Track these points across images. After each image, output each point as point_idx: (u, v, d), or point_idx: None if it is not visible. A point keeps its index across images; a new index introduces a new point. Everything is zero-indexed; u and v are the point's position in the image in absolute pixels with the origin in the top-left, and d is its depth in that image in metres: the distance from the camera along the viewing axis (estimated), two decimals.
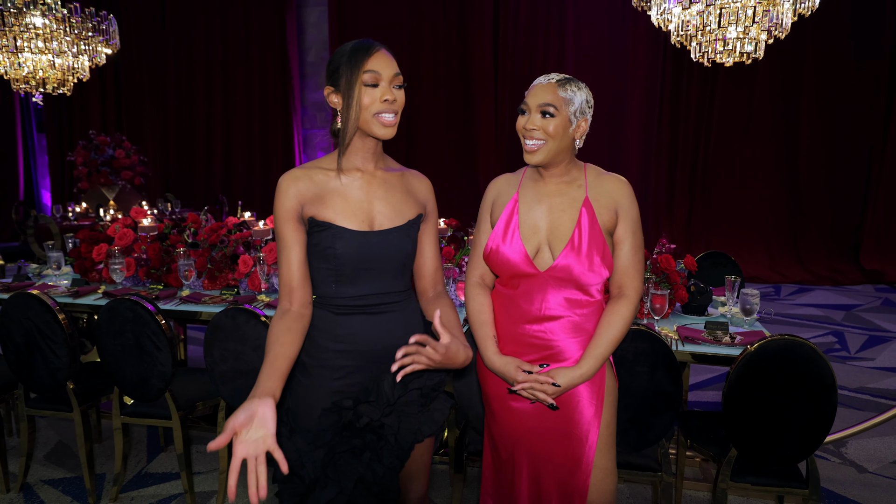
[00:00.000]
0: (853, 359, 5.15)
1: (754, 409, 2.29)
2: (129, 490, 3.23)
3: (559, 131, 1.85)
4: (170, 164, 10.65)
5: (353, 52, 1.68)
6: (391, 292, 1.79)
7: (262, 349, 2.66)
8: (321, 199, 1.73)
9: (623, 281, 1.95)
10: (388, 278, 1.78)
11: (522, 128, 1.90)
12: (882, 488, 3.20)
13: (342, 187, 1.75)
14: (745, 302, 2.92)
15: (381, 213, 1.77)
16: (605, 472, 1.97)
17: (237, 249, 3.62)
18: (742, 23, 3.72)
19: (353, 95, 1.67)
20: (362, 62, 1.66)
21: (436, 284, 1.92)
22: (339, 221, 1.71)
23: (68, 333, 2.93)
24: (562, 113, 1.85)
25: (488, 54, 9.05)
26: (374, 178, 1.79)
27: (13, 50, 5.06)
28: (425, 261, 1.90)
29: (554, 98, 1.85)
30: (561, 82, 1.87)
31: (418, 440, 1.79)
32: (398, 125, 1.73)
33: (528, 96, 1.90)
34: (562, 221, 1.92)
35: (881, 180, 7.99)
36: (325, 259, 1.73)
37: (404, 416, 1.76)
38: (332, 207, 1.72)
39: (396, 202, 1.80)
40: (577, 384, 1.89)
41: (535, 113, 1.86)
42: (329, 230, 1.71)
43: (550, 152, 1.88)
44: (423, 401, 1.78)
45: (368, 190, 1.77)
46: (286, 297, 1.73)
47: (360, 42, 1.70)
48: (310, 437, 1.71)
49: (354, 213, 1.73)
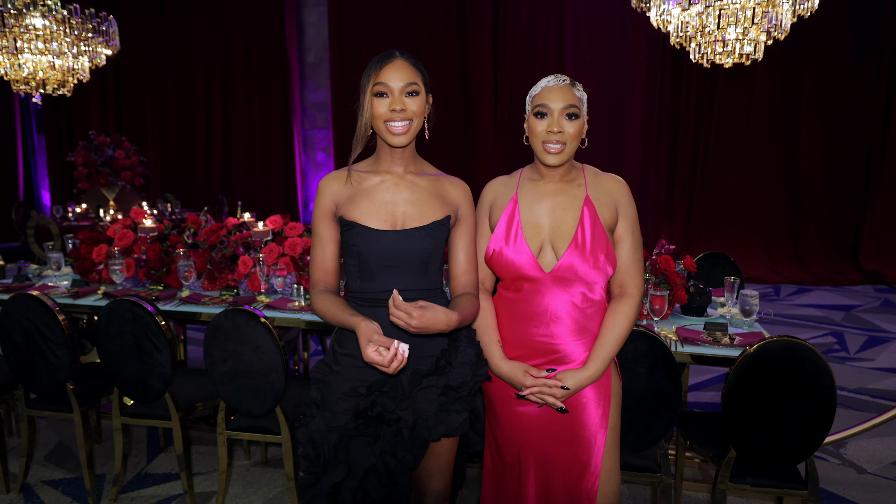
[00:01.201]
0: (852, 359, 5.16)
1: (753, 410, 2.29)
2: (128, 490, 3.23)
3: (579, 132, 1.91)
4: (169, 164, 10.66)
5: (371, 64, 1.84)
6: (413, 290, 1.87)
7: (261, 350, 2.67)
8: (352, 199, 1.88)
9: (624, 280, 1.96)
10: (409, 276, 1.87)
11: (545, 131, 1.89)
12: (882, 489, 3.20)
13: (372, 189, 1.89)
14: (745, 303, 2.92)
15: (406, 214, 1.88)
16: (610, 473, 1.97)
17: (237, 250, 3.63)
18: (741, 24, 3.72)
19: (364, 104, 1.84)
20: (374, 74, 1.81)
21: (465, 286, 1.97)
22: (364, 221, 1.85)
23: (68, 334, 2.93)
24: (581, 113, 1.90)
25: (488, 55, 9.06)
26: (402, 181, 1.91)
27: (13, 51, 5.07)
28: (455, 263, 1.98)
29: (574, 99, 1.89)
30: (572, 83, 1.91)
31: (433, 438, 1.84)
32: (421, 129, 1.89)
33: (544, 99, 1.89)
34: (564, 220, 1.93)
35: (880, 181, 8.00)
36: (352, 256, 1.89)
37: (421, 413, 1.82)
38: (358, 207, 1.87)
39: (423, 204, 1.90)
40: (585, 386, 1.90)
41: (560, 116, 1.88)
42: (354, 229, 1.85)
43: (570, 153, 1.93)
44: (442, 399, 1.83)
45: (395, 192, 1.90)
46: (321, 282, 1.92)
47: (382, 54, 1.84)
48: (328, 417, 1.83)
49: (378, 213, 1.86)
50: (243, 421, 2.91)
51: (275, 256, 3.50)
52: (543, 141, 1.90)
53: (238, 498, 3.15)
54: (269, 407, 2.76)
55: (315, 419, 1.86)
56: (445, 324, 1.73)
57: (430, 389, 1.82)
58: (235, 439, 3.29)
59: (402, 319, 1.67)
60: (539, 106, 1.90)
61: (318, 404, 1.89)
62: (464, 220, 1.97)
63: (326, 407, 1.86)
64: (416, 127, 1.84)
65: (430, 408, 1.82)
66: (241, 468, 3.44)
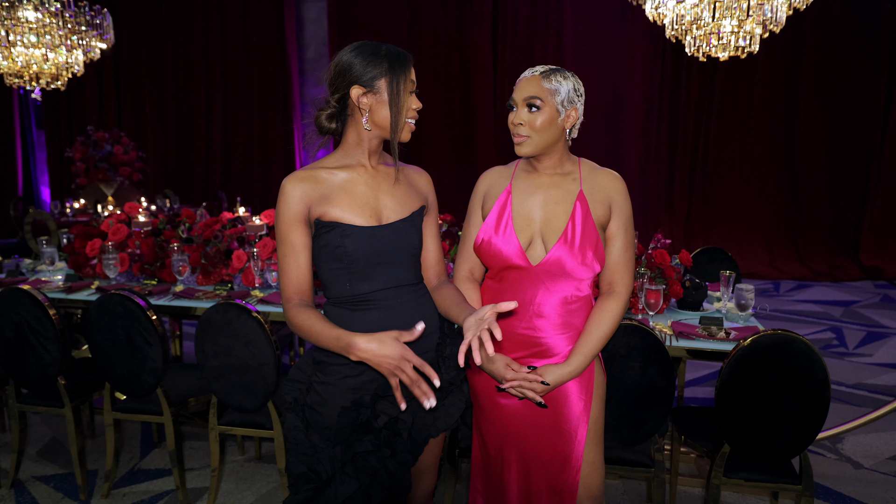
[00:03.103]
0: (851, 355, 5.13)
1: (747, 405, 2.27)
2: (120, 486, 3.22)
3: (546, 124, 1.86)
4: (168, 160, 10.64)
5: (397, 58, 1.72)
6: (404, 284, 1.83)
7: (252, 344, 2.65)
8: (327, 198, 1.74)
9: (613, 277, 1.94)
10: (399, 270, 1.82)
11: (510, 123, 1.91)
12: (878, 484, 3.18)
13: (347, 183, 1.77)
14: (740, 297, 2.90)
15: (388, 207, 1.81)
16: (592, 466, 1.95)
17: (231, 245, 3.61)
18: (736, 16, 3.69)
19: (401, 102, 1.72)
20: (409, 71, 1.74)
21: (439, 275, 1.96)
22: (347, 219, 1.73)
23: (59, 329, 2.92)
24: (548, 104, 1.85)
25: (487, 48, 9.03)
26: (377, 173, 1.82)
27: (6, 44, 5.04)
28: (428, 253, 1.94)
29: (538, 90, 1.85)
30: (545, 73, 1.87)
31: (433, 435, 1.83)
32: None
33: (514, 91, 1.91)
34: (556, 214, 1.91)
35: (880, 176, 7.96)
36: (337, 258, 1.75)
37: (419, 411, 1.80)
38: (339, 205, 1.74)
39: (401, 195, 1.84)
40: (566, 381, 1.88)
41: (522, 107, 1.87)
42: (337, 229, 1.73)
43: (539, 145, 1.88)
44: (439, 395, 1.81)
45: (374, 184, 1.81)
46: (297, 295, 1.74)
47: (395, 49, 1.74)
48: (327, 433, 1.75)
49: (362, 209, 1.76)
50: (236, 416, 2.90)
51: (269, 251, 3.48)
52: (511, 132, 1.91)
53: (231, 494, 3.13)
54: (261, 402, 2.74)
55: (305, 435, 1.77)
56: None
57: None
58: (229, 435, 3.27)
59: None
60: (510, 98, 1.92)
61: (304, 418, 1.79)
62: (431, 208, 1.95)
63: (319, 422, 1.76)
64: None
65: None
66: (235, 464, 3.43)
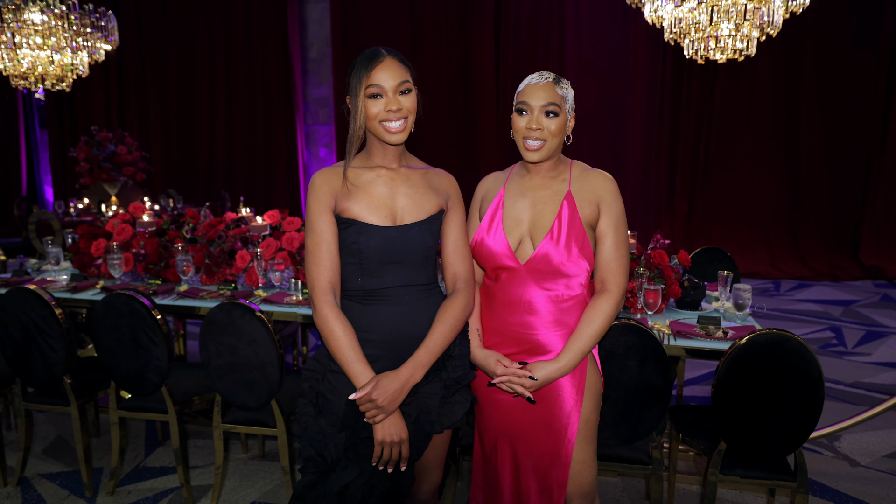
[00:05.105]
0: (850, 354, 5.16)
1: (743, 403, 2.30)
2: (125, 484, 3.26)
3: (561, 129, 1.93)
4: (172, 160, 10.68)
5: (359, 64, 1.79)
6: (414, 284, 1.88)
7: (256, 343, 2.69)
8: (349, 195, 1.84)
9: (605, 276, 1.97)
10: (410, 271, 1.87)
11: (525, 128, 1.93)
12: (874, 482, 3.21)
13: (368, 183, 1.86)
14: (738, 297, 2.93)
15: (404, 208, 1.87)
16: (583, 464, 1.99)
17: (235, 245, 3.64)
18: (734, 20, 3.71)
19: (358, 106, 1.79)
20: (365, 76, 1.78)
21: (456, 280, 1.96)
22: (364, 217, 1.83)
23: (65, 328, 2.96)
24: (562, 111, 1.92)
25: (490, 51, 9.05)
26: (398, 175, 1.90)
27: (12, 46, 5.08)
28: (446, 254, 1.98)
29: (555, 97, 1.91)
30: (556, 80, 1.93)
31: (436, 431, 1.88)
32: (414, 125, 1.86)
33: (525, 96, 1.93)
34: (544, 214, 1.96)
35: (880, 176, 7.98)
36: (351, 254, 1.84)
37: (424, 407, 1.84)
38: (357, 204, 1.83)
39: (419, 197, 1.89)
40: (556, 378, 1.92)
41: (540, 113, 1.91)
42: (354, 226, 1.82)
43: (552, 150, 1.94)
44: (444, 392, 1.87)
45: (392, 186, 1.88)
46: (331, 290, 1.82)
47: (367, 53, 1.80)
48: (334, 419, 1.81)
49: (378, 209, 1.84)
50: (239, 414, 2.93)
51: (272, 251, 3.52)
52: (524, 137, 1.94)
53: (234, 491, 3.17)
54: (264, 400, 2.78)
55: (315, 420, 1.83)
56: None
57: (434, 383, 1.85)
58: (233, 433, 3.31)
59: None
60: (521, 103, 1.94)
61: (316, 404, 1.86)
62: (453, 211, 1.98)
63: (329, 409, 1.83)
64: (411, 123, 1.84)
65: (433, 401, 1.84)
66: (239, 462, 3.46)
